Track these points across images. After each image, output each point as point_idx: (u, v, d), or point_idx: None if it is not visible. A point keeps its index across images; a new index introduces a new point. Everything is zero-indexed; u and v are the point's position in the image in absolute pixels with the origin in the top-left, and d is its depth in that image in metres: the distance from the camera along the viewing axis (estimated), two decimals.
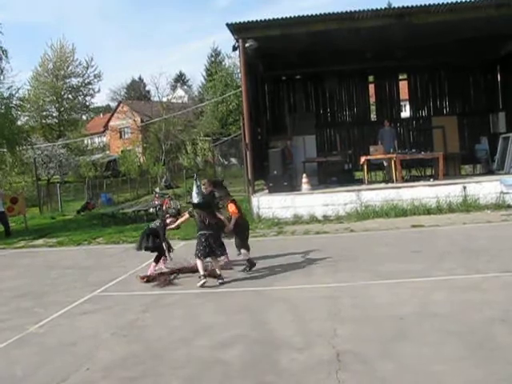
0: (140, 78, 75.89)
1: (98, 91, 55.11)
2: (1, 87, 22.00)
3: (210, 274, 8.80)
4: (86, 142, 56.70)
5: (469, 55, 20.78)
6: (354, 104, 23.63)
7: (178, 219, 9.69)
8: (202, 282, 8.42)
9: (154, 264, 9.60)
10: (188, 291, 8.32)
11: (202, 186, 10.80)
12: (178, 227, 9.97)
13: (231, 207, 9.42)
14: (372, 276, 8.22)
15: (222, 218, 9.22)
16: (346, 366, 4.87)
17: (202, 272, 8.56)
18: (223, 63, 56.45)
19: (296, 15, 15.73)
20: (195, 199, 9.07)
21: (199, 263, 8.63)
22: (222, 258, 9.57)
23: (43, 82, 46.65)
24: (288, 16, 15.75)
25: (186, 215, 9.46)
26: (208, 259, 8.83)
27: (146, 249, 9.65)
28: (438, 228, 12.55)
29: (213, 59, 60.25)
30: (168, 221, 9.72)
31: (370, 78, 24.22)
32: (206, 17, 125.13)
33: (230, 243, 9.62)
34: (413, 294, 7.09)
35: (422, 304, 6.59)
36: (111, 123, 61.49)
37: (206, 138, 43.61)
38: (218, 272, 8.74)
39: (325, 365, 4.93)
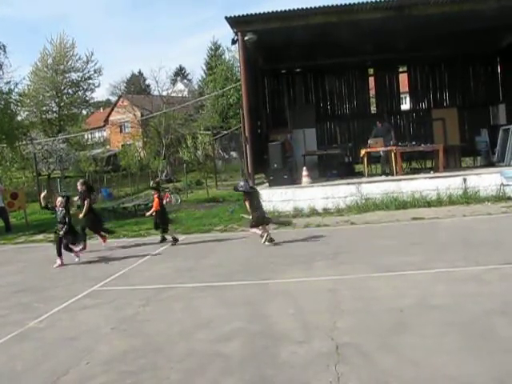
0: (140, 73, 75.91)
1: (98, 86, 54.98)
2: None
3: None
4: (86, 136, 56.60)
5: (469, 47, 20.72)
6: (354, 97, 23.64)
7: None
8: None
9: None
10: (188, 285, 8.31)
11: (78, 185, 13.48)
12: None
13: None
14: (372, 268, 8.21)
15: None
16: (345, 358, 4.87)
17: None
18: (223, 57, 56.27)
19: (295, 8, 15.71)
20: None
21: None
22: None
23: (43, 77, 46.36)
24: (287, 9, 15.74)
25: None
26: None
27: None
28: (438, 220, 12.54)
29: (213, 53, 60.00)
30: None
31: (370, 71, 24.22)
32: (207, 11, 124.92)
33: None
34: (413, 286, 7.09)
35: (422, 296, 6.58)
36: (111, 118, 61.39)
37: (207, 132, 43.42)
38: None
39: (324, 358, 4.92)
